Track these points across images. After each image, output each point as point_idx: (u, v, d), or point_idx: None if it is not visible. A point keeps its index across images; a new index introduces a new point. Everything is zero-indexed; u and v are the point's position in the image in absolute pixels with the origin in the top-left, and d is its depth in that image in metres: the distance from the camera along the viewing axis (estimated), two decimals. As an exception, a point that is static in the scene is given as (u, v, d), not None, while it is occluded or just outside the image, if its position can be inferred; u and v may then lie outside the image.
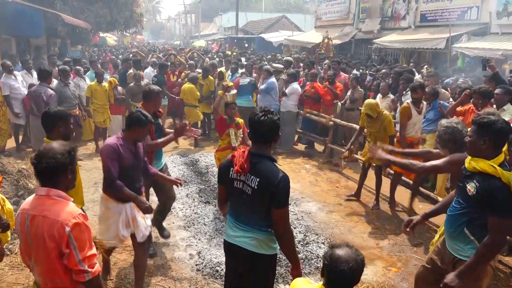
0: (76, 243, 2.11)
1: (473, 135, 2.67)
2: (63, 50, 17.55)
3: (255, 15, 39.32)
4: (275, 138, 2.67)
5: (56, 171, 2.17)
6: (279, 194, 2.51)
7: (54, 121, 3.37)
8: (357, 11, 19.18)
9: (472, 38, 11.98)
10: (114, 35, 34.70)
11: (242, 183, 2.64)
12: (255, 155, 2.61)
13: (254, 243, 2.67)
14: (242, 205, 2.68)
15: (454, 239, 2.80)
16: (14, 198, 5.40)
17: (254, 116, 2.62)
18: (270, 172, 2.55)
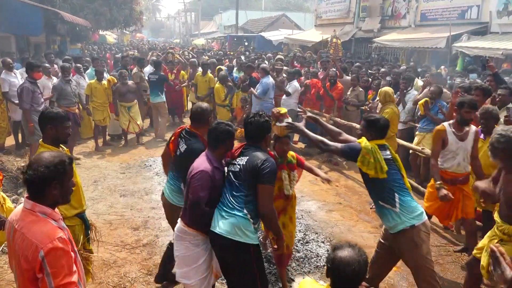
0: (50, 269, 1.90)
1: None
2: (63, 48, 17.52)
3: (255, 13, 39.26)
4: (263, 137, 3.13)
5: (38, 185, 1.99)
6: (263, 170, 2.84)
7: (44, 122, 3.10)
8: (357, 10, 19.17)
9: (472, 37, 11.98)
10: (114, 33, 34.62)
11: (233, 165, 3.03)
12: (248, 145, 3.13)
13: (229, 229, 2.82)
14: (229, 186, 2.98)
15: (382, 218, 3.31)
16: (13, 196, 5.40)
17: (246, 118, 3.18)
18: (257, 155, 2.95)
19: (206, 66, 9.81)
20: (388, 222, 3.25)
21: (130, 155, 8.19)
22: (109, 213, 5.50)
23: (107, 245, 4.58)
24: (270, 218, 2.93)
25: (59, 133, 3.11)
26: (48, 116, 3.11)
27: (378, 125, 3.34)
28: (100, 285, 3.92)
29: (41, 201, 2.02)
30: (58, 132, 3.10)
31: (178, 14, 65.39)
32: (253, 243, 2.90)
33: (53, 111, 3.15)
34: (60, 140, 3.15)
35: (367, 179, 3.29)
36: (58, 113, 3.13)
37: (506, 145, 2.94)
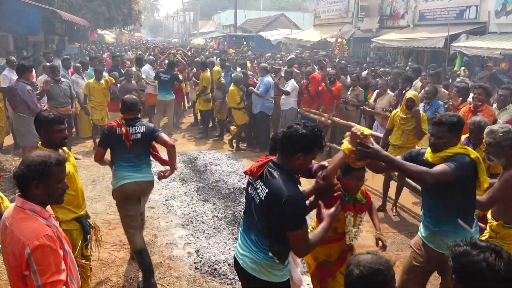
0: (37, 266, 1.90)
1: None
2: (61, 47, 17.45)
3: (253, 13, 39.24)
4: (293, 150, 2.31)
5: (21, 182, 2.02)
6: (286, 215, 2.22)
7: (37, 126, 3.12)
8: (356, 10, 19.18)
9: (470, 37, 11.99)
10: (112, 33, 34.56)
11: (254, 190, 2.42)
12: (273, 163, 2.38)
13: (254, 266, 2.43)
14: (251, 214, 2.47)
15: (446, 236, 2.83)
16: (11, 196, 5.38)
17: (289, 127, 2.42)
18: (279, 187, 2.25)
19: (205, 64, 9.75)
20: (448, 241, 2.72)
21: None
22: (108, 212, 5.49)
23: (106, 244, 4.57)
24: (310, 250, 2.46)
25: (51, 137, 3.07)
26: (38, 120, 3.09)
27: (461, 125, 2.82)
28: (98, 284, 3.92)
29: (29, 198, 2.04)
30: (50, 136, 3.07)
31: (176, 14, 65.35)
32: (281, 280, 2.47)
33: (42, 115, 3.09)
34: (54, 143, 3.07)
35: (455, 194, 2.73)
36: (47, 116, 3.06)
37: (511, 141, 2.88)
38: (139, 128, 3.97)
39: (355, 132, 2.55)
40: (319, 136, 2.33)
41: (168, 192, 6.25)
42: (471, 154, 2.74)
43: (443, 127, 2.77)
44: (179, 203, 5.82)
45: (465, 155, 2.74)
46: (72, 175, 3.14)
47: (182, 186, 6.49)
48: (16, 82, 6.69)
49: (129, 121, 3.99)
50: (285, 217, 2.23)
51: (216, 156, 8.13)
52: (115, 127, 3.93)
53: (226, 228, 5.08)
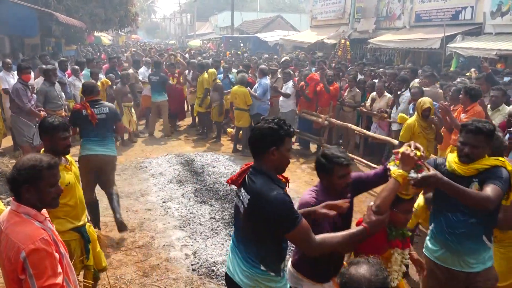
0: (33, 270, 1.89)
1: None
2: (58, 49, 17.43)
3: (250, 14, 39.30)
4: (266, 148, 2.18)
5: (13, 186, 2.03)
6: (276, 220, 2.08)
7: (40, 133, 3.08)
8: (352, 11, 19.22)
9: (466, 38, 12.03)
10: (109, 34, 34.52)
11: (239, 199, 2.30)
12: (253, 168, 2.26)
13: (247, 281, 2.26)
14: (239, 225, 2.34)
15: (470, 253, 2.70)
16: (7, 198, 5.36)
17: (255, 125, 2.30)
18: (259, 191, 2.13)
19: (202, 66, 9.63)
20: (476, 259, 2.69)
21: (126, 157, 8.16)
22: (105, 214, 5.47)
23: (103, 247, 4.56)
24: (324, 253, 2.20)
25: (54, 144, 2.98)
26: (43, 126, 3.02)
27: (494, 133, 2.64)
28: (98, 286, 3.90)
29: (23, 202, 2.03)
30: (53, 143, 2.98)
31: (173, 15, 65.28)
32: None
33: (47, 121, 3.00)
34: (57, 151, 2.97)
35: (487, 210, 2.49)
36: (51, 123, 2.98)
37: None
38: (104, 109, 4.71)
39: (407, 154, 2.18)
40: (283, 123, 2.19)
41: (165, 194, 6.24)
42: (507, 166, 2.56)
43: (480, 135, 2.53)
44: (176, 205, 5.81)
45: (502, 168, 2.54)
46: (73, 185, 3.07)
47: (179, 188, 6.49)
48: (16, 82, 6.82)
49: (93, 103, 4.68)
50: (275, 220, 2.08)
51: (213, 157, 8.13)
52: (81, 109, 4.59)
53: (224, 229, 5.08)
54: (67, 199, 2.99)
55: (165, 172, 7.20)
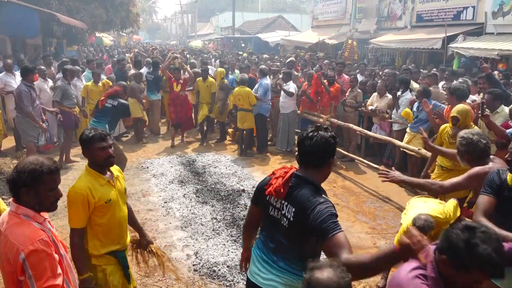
0: (32, 271, 1.89)
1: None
2: (59, 50, 17.46)
3: (251, 15, 39.35)
4: (327, 161, 2.14)
5: (12, 188, 2.01)
6: (318, 223, 1.95)
7: (81, 146, 2.80)
8: (353, 11, 19.23)
9: (467, 38, 12.03)
10: (110, 35, 34.56)
11: (278, 211, 2.15)
12: (298, 177, 2.13)
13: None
14: (277, 238, 2.18)
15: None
16: (9, 199, 5.37)
17: (303, 132, 2.18)
18: (309, 201, 2.02)
19: (206, 71, 9.29)
20: None
21: (127, 157, 8.15)
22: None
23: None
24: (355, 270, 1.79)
25: (93, 157, 2.72)
26: (80, 141, 2.77)
27: None
28: (97, 287, 3.91)
29: (22, 203, 2.02)
30: (92, 156, 2.72)
31: (174, 16, 65.37)
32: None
33: (84, 134, 2.75)
34: (98, 163, 2.72)
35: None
36: (87, 135, 2.72)
37: (467, 147, 3.13)
38: (115, 102, 6.08)
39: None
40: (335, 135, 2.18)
41: (166, 194, 6.24)
42: None
43: None
44: (178, 205, 5.82)
45: None
46: (114, 203, 2.75)
47: (180, 188, 6.49)
48: (19, 84, 6.79)
49: (112, 96, 6.13)
50: (317, 227, 1.94)
51: (214, 158, 8.13)
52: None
53: (225, 230, 5.08)
54: (105, 218, 2.70)
55: (166, 173, 7.20)
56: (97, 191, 2.65)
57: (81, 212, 2.60)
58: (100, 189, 2.68)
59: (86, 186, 2.62)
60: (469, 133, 3.21)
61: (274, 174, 2.21)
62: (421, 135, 6.17)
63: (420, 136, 6.27)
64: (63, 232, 4.85)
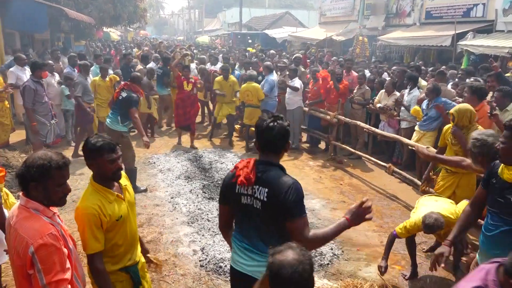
0: (41, 265, 1.89)
1: (508, 141, 2.45)
2: (67, 45, 17.54)
3: (259, 11, 39.21)
4: (285, 146, 2.36)
5: (21, 182, 2.01)
6: (289, 203, 2.17)
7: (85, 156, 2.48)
8: (361, 8, 19.09)
9: (477, 35, 11.90)
10: (117, 30, 34.67)
11: (250, 197, 2.29)
12: (262, 163, 2.32)
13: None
14: (253, 224, 2.33)
15: None
16: (18, 192, 5.40)
17: (262, 122, 2.32)
18: (280, 180, 2.23)
19: (227, 70, 8.90)
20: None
21: (134, 152, 8.18)
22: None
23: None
24: (314, 247, 2.39)
25: (102, 169, 2.42)
26: (84, 150, 2.45)
27: None
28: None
29: (32, 197, 2.03)
30: (100, 168, 2.42)
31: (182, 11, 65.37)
32: None
33: (89, 142, 2.41)
34: (106, 177, 2.45)
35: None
36: (94, 144, 2.38)
37: (481, 149, 2.99)
38: (124, 93, 5.88)
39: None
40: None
41: (173, 189, 6.26)
42: None
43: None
44: (184, 201, 5.82)
45: None
46: (125, 219, 2.50)
47: (187, 184, 6.50)
48: (28, 79, 6.72)
49: (126, 87, 5.99)
50: (288, 204, 2.17)
51: (221, 154, 8.13)
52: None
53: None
54: (117, 236, 2.46)
55: (173, 168, 7.21)
56: (107, 209, 2.38)
57: (96, 234, 2.32)
58: (109, 206, 2.40)
59: (96, 205, 2.34)
60: (483, 134, 3.08)
61: (237, 168, 2.37)
62: (431, 132, 6.15)
63: (429, 134, 6.25)
64: (71, 226, 4.87)
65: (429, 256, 4.49)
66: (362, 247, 4.75)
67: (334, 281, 3.99)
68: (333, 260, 4.42)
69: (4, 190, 3.52)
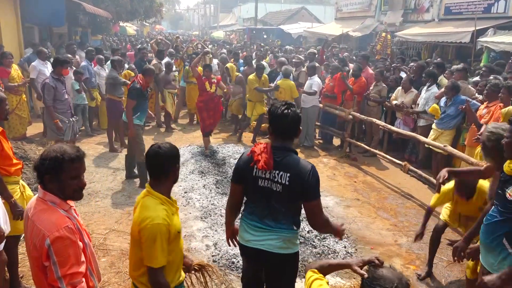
0: (57, 258, 1.91)
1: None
2: (84, 39, 17.70)
3: (274, 6, 38.99)
4: (297, 132, 2.54)
5: (37, 173, 2.03)
6: (312, 186, 2.43)
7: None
8: (379, 3, 18.81)
9: (498, 32, 11.60)
10: (134, 25, 34.89)
11: (268, 181, 2.48)
12: (279, 149, 2.49)
13: (281, 245, 2.53)
14: (268, 205, 2.52)
15: (490, 251, 2.56)
16: (35, 184, 5.50)
17: (276, 109, 2.48)
18: (300, 165, 2.44)
19: (261, 68, 8.44)
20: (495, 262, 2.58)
21: (148, 146, 8.24)
22: (128, 203, 5.56)
23: (125, 235, 4.64)
24: (327, 228, 2.68)
25: (172, 175, 2.42)
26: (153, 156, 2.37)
27: None
28: (118, 274, 3.98)
29: (48, 190, 2.04)
30: (170, 175, 2.40)
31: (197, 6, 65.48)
32: (298, 249, 2.70)
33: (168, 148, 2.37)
34: (174, 182, 2.46)
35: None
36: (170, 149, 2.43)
37: (495, 143, 2.83)
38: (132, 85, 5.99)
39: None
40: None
41: (187, 184, 6.28)
42: None
43: None
44: (198, 196, 5.84)
45: None
46: (180, 233, 2.40)
47: (201, 178, 6.52)
48: (49, 75, 6.52)
49: (136, 79, 5.96)
50: (311, 187, 2.42)
51: (235, 149, 8.13)
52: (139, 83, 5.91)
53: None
54: (173, 253, 2.32)
55: (187, 163, 7.24)
56: (172, 221, 2.26)
57: (165, 247, 2.20)
58: (172, 218, 2.28)
59: (166, 216, 2.22)
60: (498, 128, 2.92)
61: (254, 152, 2.52)
62: (449, 131, 6.03)
63: (447, 133, 6.14)
64: (85, 219, 4.95)
65: (443, 258, 4.43)
66: (376, 246, 4.70)
67: (347, 280, 3.96)
68: (347, 258, 4.39)
69: (21, 183, 3.58)
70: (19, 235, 3.49)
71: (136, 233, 2.25)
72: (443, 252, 4.48)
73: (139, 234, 2.22)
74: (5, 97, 3.47)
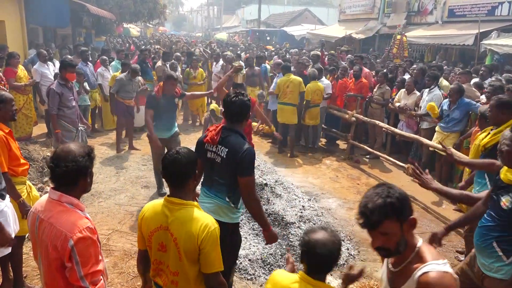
0: (79, 258, 1.96)
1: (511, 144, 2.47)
2: (88, 41, 17.78)
3: (277, 8, 39.10)
4: (246, 117, 3.01)
5: (76, 175, 2.03)
6: (243, 163, 2.83)
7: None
8: (382, 5, 18.82)
9: (502, 34, 11.60)
10: (137, 26, 35.00)
11: (213, 153, 2.97)
12: (226, 129, 2.97)
13: (214, 209, 2.95)
14: (212, 174, 3.00)
15: (482, 252, 2.64)
16: (39, 184, 5.52)
17: (227, 97, 2.99)
18: (237, 144, 2.88)
19: (287, 68, 7.82)
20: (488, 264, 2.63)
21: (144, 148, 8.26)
22: (131, 204, 5.57)
23: (129, 236, 4.65)
24: (253, 206, 2.99)
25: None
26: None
27: None
28: (121, 275, 3.98)
29: (70, 192, 2.06)
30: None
31: (200, 8, 65.63)
32: (234, 222, 3.08)
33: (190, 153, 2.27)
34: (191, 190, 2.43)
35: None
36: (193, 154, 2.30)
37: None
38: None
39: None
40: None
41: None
42: None
43: None
44: (201, 197, 5.85)
45: None
46: None
47: (203, 180, 6.53)
48: (55, 81, 5.89)
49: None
50: (241, 165, 2.83)
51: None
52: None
53: (247, 223, 5.07)
54: None
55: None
56: None
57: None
58: None
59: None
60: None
61: (208, 130, 3.04)
62: (454, 134, 6.00)
63: (453, 136, 6.12)
64: (89, 219, 4.95)
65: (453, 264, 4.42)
66: (333, 230, 4.68)
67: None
68: (349, 260, 4.38)
69: (27, 183, 3.60)
70: (23, 235, 3.51)
71: (194, 250, 2.14)
72: (446, 255, 4.47)
73: (199, 247, 2.13)
74: (12, 97, 3.46)
